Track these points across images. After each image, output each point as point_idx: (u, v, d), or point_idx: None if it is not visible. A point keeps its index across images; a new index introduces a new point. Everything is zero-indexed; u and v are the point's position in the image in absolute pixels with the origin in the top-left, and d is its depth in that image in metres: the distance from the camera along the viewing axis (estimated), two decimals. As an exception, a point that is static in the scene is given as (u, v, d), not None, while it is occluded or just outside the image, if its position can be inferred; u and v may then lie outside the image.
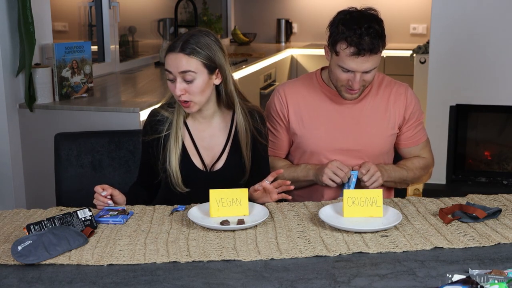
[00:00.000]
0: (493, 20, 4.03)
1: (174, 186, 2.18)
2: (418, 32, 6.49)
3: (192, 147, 2.23)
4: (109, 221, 1.95)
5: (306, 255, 1.72)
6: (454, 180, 4.28)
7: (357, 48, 2.14)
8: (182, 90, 2.09)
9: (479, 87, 4.12)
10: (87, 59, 3.41)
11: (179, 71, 2.08)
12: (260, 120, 2.26)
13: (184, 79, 2.08)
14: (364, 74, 2.20)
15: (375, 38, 2.14)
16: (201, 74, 2.09)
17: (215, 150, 2.24)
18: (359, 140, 2.34)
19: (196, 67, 2.08)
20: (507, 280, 1.48)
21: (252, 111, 2.26)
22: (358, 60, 2.16)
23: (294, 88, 2.39)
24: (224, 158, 2.23)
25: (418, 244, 1.79)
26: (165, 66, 2.13)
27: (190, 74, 2.08)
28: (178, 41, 2.10)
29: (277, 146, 2.43)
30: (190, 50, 2.07)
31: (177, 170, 2.17)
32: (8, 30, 3.09)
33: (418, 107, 2.42)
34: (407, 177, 2.39)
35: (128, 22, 5.00)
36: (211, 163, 2.23)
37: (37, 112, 3.20)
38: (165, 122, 2.21)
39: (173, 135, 2.18)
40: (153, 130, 2.21)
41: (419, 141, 2.44)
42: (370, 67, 2.19)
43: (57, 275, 1.61)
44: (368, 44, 2.13)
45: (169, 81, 2.12)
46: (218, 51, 2.13)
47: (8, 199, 3.19)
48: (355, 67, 2.18)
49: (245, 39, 6.68)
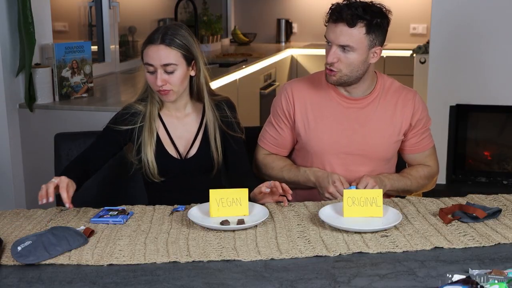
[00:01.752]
0: (493, 20, 4.04)
1: (149, 176, 2.24)
2: (418, 32, 6.49)
3: (166, 137, 2.27)
4: (109, 221, 1.95)
5: (306, 255, 1.72)
6: (454, 180, 4.28)
7: (335, 15, 2.18)
8: (163, 80, 2.14)
9: (479, 87, 4.12)
10: (87, 59, 3.41)
11: (162, 63, 2.13)
12: (229, 111, 2.31)
13: (165, 71, 2.14)
14: (342, 54, 2.20)
15: (358, 12, 2.15)
16: (181, 65, 2.16)
17: (188, 138, 2.29)
18: (363, 144, 2.32)
19: (176, 59, 2.15)
20: (507, 280, 1.48)
21: (219, 103, 2.31)
22: (336, 30, 2.18)
23: (301, 88, 2.38)
24: (197, 145, 2.28)
25: (418, 244, 1.79)
26: (144, 59, 2.17)
27: (172, 66, 2.14)
28: (157, 33, 2.15)
29: (279, 144, 2.43)
30: (170, 41, 2.13)
31: (153, 161, 2.22)
32: (8, 30, 3.09)
33: (426, 113, 2.40)
34: (410, 186, 2.38)
35: (128, 22, 5.00)
36: (185, 152, 2.28)
37: (37, 112, 3.20)
38: (138, 115, 2.25)
39: (147, 127, 2.23)
40: (125, 122, 2.24)
41: (424, 148, 2.42)
42: (345, 42, 2.18)
43: (57, 275, 1.61)
44: (347, 14, 2.15)
45: (149, 73, 2.17)
46: (194, 43, 2.20)
47: (8, 199, 3.19)
48: (332, 37, 2.20)
49: (245, 39, 6.68)
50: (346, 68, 2.22)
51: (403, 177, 2.37)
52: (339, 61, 2.21)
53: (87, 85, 3.41)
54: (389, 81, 2.38)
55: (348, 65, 2.21)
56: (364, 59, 2.21)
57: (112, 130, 2.25)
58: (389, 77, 2.40)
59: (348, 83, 2.27)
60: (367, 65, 2.24)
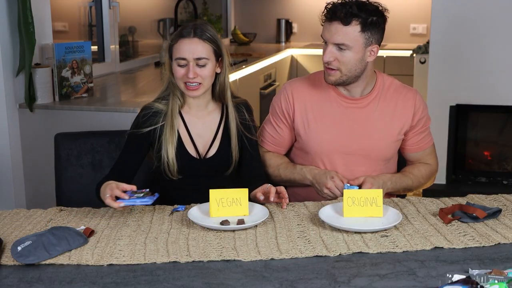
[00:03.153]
0: (493, 20, 4.03)
1: (167, 174, 2.22)
2: (418, 32, 6.48)
3: (186, 135, 2.26)
4: (136, 201, 1.93)
5: (306, 255, 1.72)
6: (454, 180, 4.28)
7: (329, 14, 2.19)
8: (195, 73, 2.15)
9: (479, 87, 4.12)
10: (87, 59, 3.41)
11: (195, 57, 2.15)
12: (247, 113, 2.32)
13: (198, 64, 2.16)
14: (338, 52, 2.20)
15: (352, 10, 2.16)
16: (211, 60, 2.19)
17: (207, 137, 2.28)
18: (363, 144, 2.32)
19: (208, 53, 2.18)
20: (507, 280, 1.48)
21: (238, 105, 2.32)
22: (331, 29, 2.19)
23: (301, 88, 2.38)
24: (217, 145, 2.28)
25: (418, 244, 1.79)
26: (175, 54, 2.17)
27: (204, 60, 2.16)
28: (188, 28, 2.18)
29: (278, 143, 2.43)
30: (202, 34, 2.16)
31: (173, 159, 2.21)
32: (8, 30, 3.09)
33: (426, 112, 2.40)
34: (411, 185, 2.38)
35: (128, 22, 5.00)
36: (205, 151, 2.27)
37: (37, 112, 3.20)
38: (159, 114, 2.23)
39: (169, 125, 2.22)
40: (147, 123, 2.22)
41: (424, 146, 2.42)
42: (340, 40, 2.18)
43: (57, 275, 1.61)
44: (341, 12, 2.16)
45: (179, 67, 2.17)
46: (221, 41, 2.23)
47: (8, 199, 3.19)
48: (327, 36, 2.21)
49: (245, 39, 6.68)
50: (343, 66, 2.22)
51: (405, 177, 2.37)
52: (336, 59, 2.21)
53: (87, 85, 3.41)
54: (389, 80, 2.37)
55: (345, 63, 2.21)
56: (360, 57, 2.21)
57: (136, 135, 2.22)
58: (389, 76, 2.40)
59: (347, 83, 2.27)
60: (364, 63, 2.24)
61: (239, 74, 4.67)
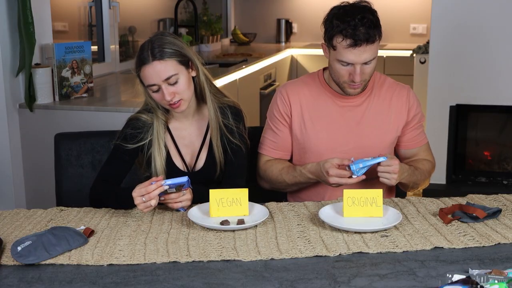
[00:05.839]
0: (493, 20, 4.04)
1: None
2: (418, 32, 6.48)
3: (174, 148, 2.24)
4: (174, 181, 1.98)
5: (306, 255, 1.72)
6: (454, 180, 4.28)
7: (353, 39, 2.13)
8: (171, 94, 2.09)
9: (479, 87, 4.12)
10: (87, 59, 3.41)
11: (163, 79, 2.07)
12: (232, 117, 2.24)
13: (169, 84, 2.09)
14: (364, 66, 2.19)
15: (370, 28, 2.13)
16: (181, 72, 2.10)
17: (195, 146, 2.25)
18: (360, 142, 2.33)
19: (175, 68, 2.09)
20: (507, 280, 1.48)
21: (224, 107, 2.25)
22: (356, 52, 2.15)
23: (296, 88, 2.38)
24: (204, 156, 2.24)
25: (418, 244, 1.79)
26: (144, 82, 2.12)
27: (173, 77, 2.08)
28: (144, 52, 2.10)
29: (279, 147, 2.42)
30: (161, 53, 2.07)
31: (162, 174, 2.16)
32: (8, 30, 3.09)
33: (420, 109, 2.41)
34: (419, 180, 2.37)
35: (128, 22, 5.00)
36: (192, 162, 2.25)
37: (37, 112, 3.20)
38: (146, 127, 2.20)
39: (156, 143, 2.18)
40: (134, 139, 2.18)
41: (421, 142, 2.43)
42: (368, 58, 2.17)
43: (57, 275, 1.62)
44: (363, 34, 2.13)
45: (154, 93, 2.11)
46: (183, 45, 2.14)
47: (8, 199, 3.19)
48: (353, 58, 2.16)
49: (245, 39, 6.68)
50: (368, 76, 2.23)
51: (416, 170, 2.35)
52: (363, 72, 2.20)
53: (87, 85, 3.41)
54: (382, 78, 2.39)
55: (370, 73, 2.23)
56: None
57: (123, 149, 2.19)
58: (381, 73, 2.40)
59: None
60: None
61: (239, 74, 4.67)
